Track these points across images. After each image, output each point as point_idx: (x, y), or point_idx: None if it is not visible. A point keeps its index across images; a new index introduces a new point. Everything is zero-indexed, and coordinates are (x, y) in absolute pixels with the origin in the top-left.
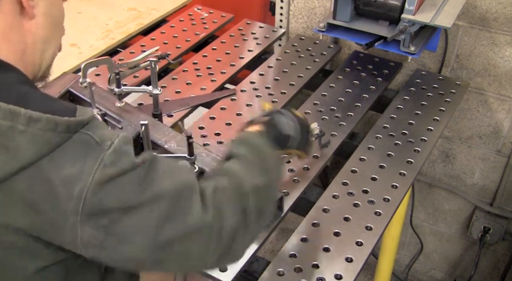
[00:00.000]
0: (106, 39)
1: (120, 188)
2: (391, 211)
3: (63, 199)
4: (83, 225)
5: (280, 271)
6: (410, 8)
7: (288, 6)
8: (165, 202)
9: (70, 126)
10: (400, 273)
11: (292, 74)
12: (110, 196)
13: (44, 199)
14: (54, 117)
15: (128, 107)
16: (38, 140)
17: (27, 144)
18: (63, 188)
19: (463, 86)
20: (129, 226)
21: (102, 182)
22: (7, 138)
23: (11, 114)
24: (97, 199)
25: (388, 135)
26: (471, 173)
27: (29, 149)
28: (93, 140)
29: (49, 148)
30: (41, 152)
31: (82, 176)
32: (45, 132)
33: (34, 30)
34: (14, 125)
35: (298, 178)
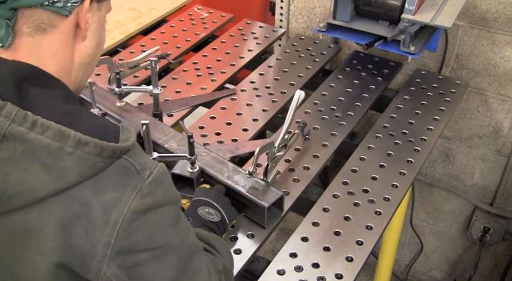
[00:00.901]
0: (106, 39)
1: (153, 224)
2: (391, 210)
3: (98, 225)
4: (111, 262)
5: (280, 270)
6: (410, 8)
7: (288, 6)
8: (185, 255)
9: (115, 152)
10: (400, 273)
11: (292, 74)
12: (142, 230)
13: (79, 223)
14: (102, 143)
15: (128, 106)
16: (84, 163)
17: (73, 166)
18: (100, 213)
19: (463, 86)
20: (149, 274)
21: (139, 211)
22: (55, 159)
23: (60, 134)
24: (130, 231)
25: (388, 135)
26: (471, 173)
27: (74, 171)
28: (134, 167)
29: (93, 172)
30: (85, 175)
31: (120, 203)
32: (91, 156)
33: (83, 51)
34: (62, 146)
35: (298, 177)
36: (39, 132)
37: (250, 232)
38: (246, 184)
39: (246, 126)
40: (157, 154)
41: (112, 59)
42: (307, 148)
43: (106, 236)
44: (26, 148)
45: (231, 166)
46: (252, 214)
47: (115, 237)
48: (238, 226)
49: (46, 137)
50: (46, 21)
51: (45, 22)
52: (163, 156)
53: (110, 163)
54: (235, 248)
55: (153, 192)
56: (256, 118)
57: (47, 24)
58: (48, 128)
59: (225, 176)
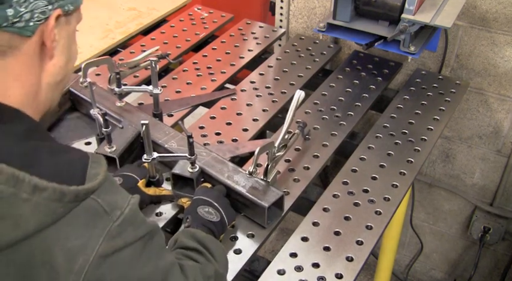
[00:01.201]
0: (106, 39)
1: (122, 263)
2: (391, 210)
3: (62, 274)
4: None
5: (280, 270)
6: (410, 8)
7: (288, 6)
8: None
9: (78, 195)
10: (400, 273)
11: (292, 74)
12: (112, 271)
13: (42, 272)
14: (61, 187)
15: (128, 106)
16: (42, 210)
17: (30, 213)
18: (64, 262)
19: (463, 86)
20: None
21: (106, 255)
22: (10, 206)
23: (14, 180)
24: (97, 275)
25: (388, 135)
26: (471, 173)
27: (32, 219)
28: (102, 208)
29: (53, 218)
30: (44, 222)
31: (86, 250)
32: (50, 203)
33: (51, 70)
34: (16, 193)
35: (299, 177)
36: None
37: (251, 232)
38: (246, 184)
39: (246, 126)
40: (157, 154)
41: (112, 59)
42: (307, 148)
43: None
44: None
45: (231, 166)
46: (252, 214)
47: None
48: (238, 226)
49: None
50: (6, 44)
51: (5, 44)
52: (163, 156)
53: (73, 207)
54: (235, 248)
55: (123, 233)
56: (256, 118)
57: (7, 46)
58: (1, 173)
59: (225, 176)
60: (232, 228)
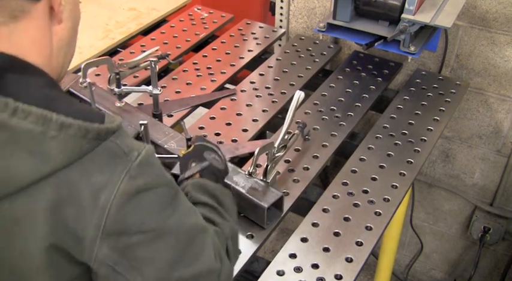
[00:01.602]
0: (106, 39)
1: (145, 206)
2: (391, 211)
3: (87, 208)
4: (102, 243)
5: (280, 270)
6: (410, 8)
7: (288, 6)
8: (183, 237)
9: (100, 133)
10: (400, 273)
11: (292, 74)
12: (134, 213)
13: (69, 205)
14: (86, 124)
15: (127, 107)
16: (69, 146)
17: (58, 150)
18: (89, 196)
19: (463, 86)
20: (145, 255)
21: (129, 194)
22: (38, 143)
23: (42, 119)
24: (121, 214)
25: (388, 135)
26: (471, 173)
27: (59, 155)
28: (121, 149)
29: (79, 155)
30: (71, 158)
31: (109, 186)
32: (76, 139)
33: (61, 34)
34: (45, 131)
35: (298, 177)
36: (21, 118)
37: (250, 233)
38: (246, 185)
39: (245, 126)
40: (157, 155)
41: (112, 59)
42: (307, 148)
43: (96, 219)
44: (9, 135)
45: (230, 166)
46: (251, 215)
47: (105, 220)
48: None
49: (28, 123)
50: (18, 8)
51: (17, 9)
52: (163, 157)
53: (95, 145)
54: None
55: (143, 173)
56: (256, 118)
57: (20, 11)
58: (30, 114)
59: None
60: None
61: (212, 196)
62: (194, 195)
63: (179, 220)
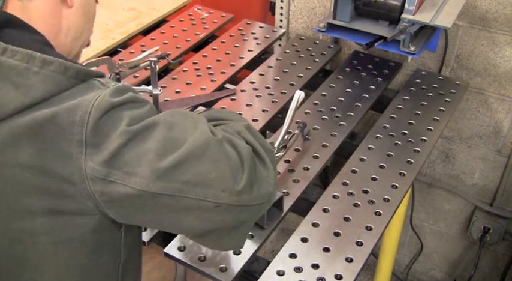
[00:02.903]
0: (106, 39)
1: (121, 116)
2: (391, 211)
3: (66, 127)
4: (87, 159)
5: (280, 271)
6: (410, 8)
7: (288, 6)
8: (167, 124)
9: (79, 73)
10: (400, 273)
11: (292, 74)
12: (111, 123)
13: (50, 131)
14: (66, 62)
15: None
16: (49, 81)
17: (39, 83)
18: (65, 115)
19: (463, 86)
20: (131, 156)
21: (103, 109)
22: (22, 78)
23: (27, 57)
24: (98, 126)
25: (388, 135)
26: (471, 173)
27: (40, 88)
28: (100, 83)
29: (58, 89)
30: (50, 91)
31: (83, 104)
32: (56, 75)
33: (70, 18)
34: (29, 67)
35: (298, 177)
36: (9, 56)
37: (250, 233)
38: None
39: None
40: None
41: (112, 59)
42: (307, 149)
43: (76, 135)
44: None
45: None
46: None
47: (85, 135)
48: None
49: (15, 60)
50: None
51: None
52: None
53: (75, 84)
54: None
55: (120, 93)
56: (256, 118)
57: None
58: (18, 53)
59: None
60: None
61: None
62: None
63: (161, 115)
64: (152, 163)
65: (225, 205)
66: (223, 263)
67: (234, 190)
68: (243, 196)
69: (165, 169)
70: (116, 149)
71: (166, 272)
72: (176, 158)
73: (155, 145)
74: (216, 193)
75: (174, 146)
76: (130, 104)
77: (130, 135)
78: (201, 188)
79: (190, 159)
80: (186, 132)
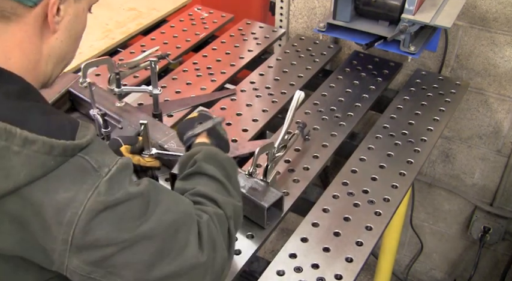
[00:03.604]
0: (106, 39)
1: (114, 220)
2: (391, 211)
3: (53, 225)
4: (72, 256)
5: (280, 271)
6: (410, 8)
7: (288, 6)
8: (161, 238)
9: (66, 150)
10: (400, 273)
11: (292, 74)
12: (103, 227)
13: (34, 222)
14: (51, 140)
15: (127, 107)
16: (32, 163)
17: (21, 166)
18: (53, 214)
19: (463, 86)
20: (120, 262)
21: (97, 210)
22: (1, 158)
23: (6, 133)
24: (89, 229)
25: (388, 135)
26: (471, 173)
27: (22, 171)
28: (90, 165)
29: (43, 171)
30: (34, 174)
31: (74, 203)
32: (40, 155)
33: (53, 43)
34: (8, 146)
35: (298, 177)
36: None
37: (250, 233)
38: (246, 185)
39: (245, 126)
40: (156, 150)
41: (112, 59)
42: (307, 148)
43: (62, 234)
44: None
45: None
46: (251, 215)
47: (72, 235)
48: None
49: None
50: (9, 10)
51: (8, 10)
52: (162, 153)
53: (62, 161)
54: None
55: (112, 189)
56: (256, 118)
57: (11, 13)
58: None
59: None
60: None
61: (222, 168)
62: (203, 165)
63: (156, 222)
64: (140, 272)
65: None
66: None
67: None
68: None
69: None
70: (108, 254)
71: None
72: (162, 273)
73: (147, 257)
74: None
75: (165, 259)
76: (127, 202)
77: (125, 245)
78: None
79: (174, 277)
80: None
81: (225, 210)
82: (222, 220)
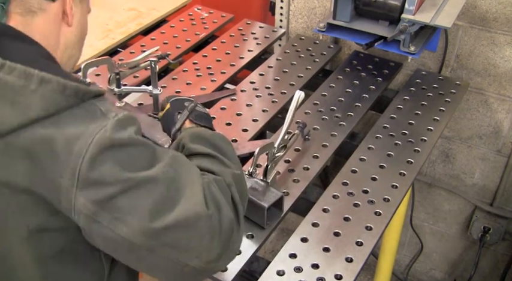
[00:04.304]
0: (106, 39)
1: (121, 158)
2: (391, 211)
3: (62, 155)
4: (79, 192)
5: (280, 271)
6: (410, 8)
7: (288, 6)
8: (165, 185)
9: (78, 92)
10: (400, 273)
11: (292, 74)
12: (109, 163)
13: (44, 154)
14: (65, 81)
15: (127, 107)
16: (47, 100)
17: (37, 102)
18: (63, 145)
19: (463, 86)
20: (124, 205)
21: (104, 144)
22: (19, 96)
23: (25, 74)
24: (96, 163)
25: (388, 135)
26: (471, 173)
27: (38, 107)
28: (100, 110)
29: (56, 109)
30: (48, 111)
31: (84, 136)
32: (54, 94)
33: (68, 36)
34: (26, 84)
35: (298, 177)
36: (7, 72)
37: (250, 233)
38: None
39: (245, 126)
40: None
41: (112, 59)
42: (307, 149)
43: (71, 166)
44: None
45: None
46: (251, 215)
47: (79, 167)
48: None
49: (13, 76)
50: (36, 6)
51: (35, 6)
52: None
53: (74, 103)
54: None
55: (119, 130)
56: (256, 118)
57: (37, 8)
58: (15, 69)
59: None
60: None
61: (211, 145)
62: (192, 146)
63: (160, 170)
64: (144, 219)
65: (191, 268)
66: None
67: (205, 259)
68: (210, 264)
69: (154, 229)
70: (113, 193)
71: None
72: (166, 222)
73: (151, 203)
74: (188, 257)
75: (168, 207)
76: (132, 147)
77: (130, 185)
78: (177, 252)
79: (179, 227)
80: (183, 193)
81: (223, 177)
82: (221, 185)
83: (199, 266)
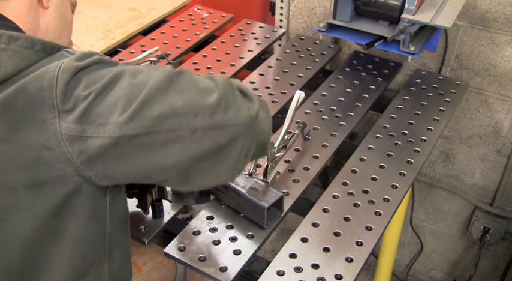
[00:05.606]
0: (106, 39)
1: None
2: (391, 211)
3: (36, 94)
4: (60, 121)
5: (280, 271)
6: (410, 8)
7: (288, 6)
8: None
9: (46, 46)
10: (400, 273)
11: (292, 74)
12: (80, 84)
13: (19, 100)
14: (32, 37)
15: None
16: (17, 56)
17: (7, 59)
18: (33, 83)
19: (463, 86)
20: (102, 108)
21: (70, 70)
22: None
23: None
24: (68, 88)
25: (388, 135)
26: (471, 173)
27: (8, 64)
28: (67, 52)
29: (26, 64)
30: (18, 66)
31: (50, 68)
32: (23, 50)
33: (48, 18)
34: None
35: (298, 177)
36: None
37: (250, 233)
38: (246, 185)
39: None
40: None
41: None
42: (307, 149)
43: (46, 100)
44: None
45: None
46: (251, 215)
47: (55, 98)
48: (237, 227)
49: None
50: None
51: None
52: None
53: (43, 57)
54: (234, 248)
55: (85, 57)
56: None
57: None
58: None
59: None
60: (232, 229)
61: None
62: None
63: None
64: (122, 108)
65: (200, 130)
66: (223, 263)
67: (206, 112)
68: (216, 116)
69: (134, 109)
70: (87, 105)
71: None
72: (142, 97)
73: (122, 92)
74: (189, 119)
75: (141, 88)
76: (96, 65)
77: (99, 90)
78: (173, 119)
79: (156, 94)
80: (151, 75)
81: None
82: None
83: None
